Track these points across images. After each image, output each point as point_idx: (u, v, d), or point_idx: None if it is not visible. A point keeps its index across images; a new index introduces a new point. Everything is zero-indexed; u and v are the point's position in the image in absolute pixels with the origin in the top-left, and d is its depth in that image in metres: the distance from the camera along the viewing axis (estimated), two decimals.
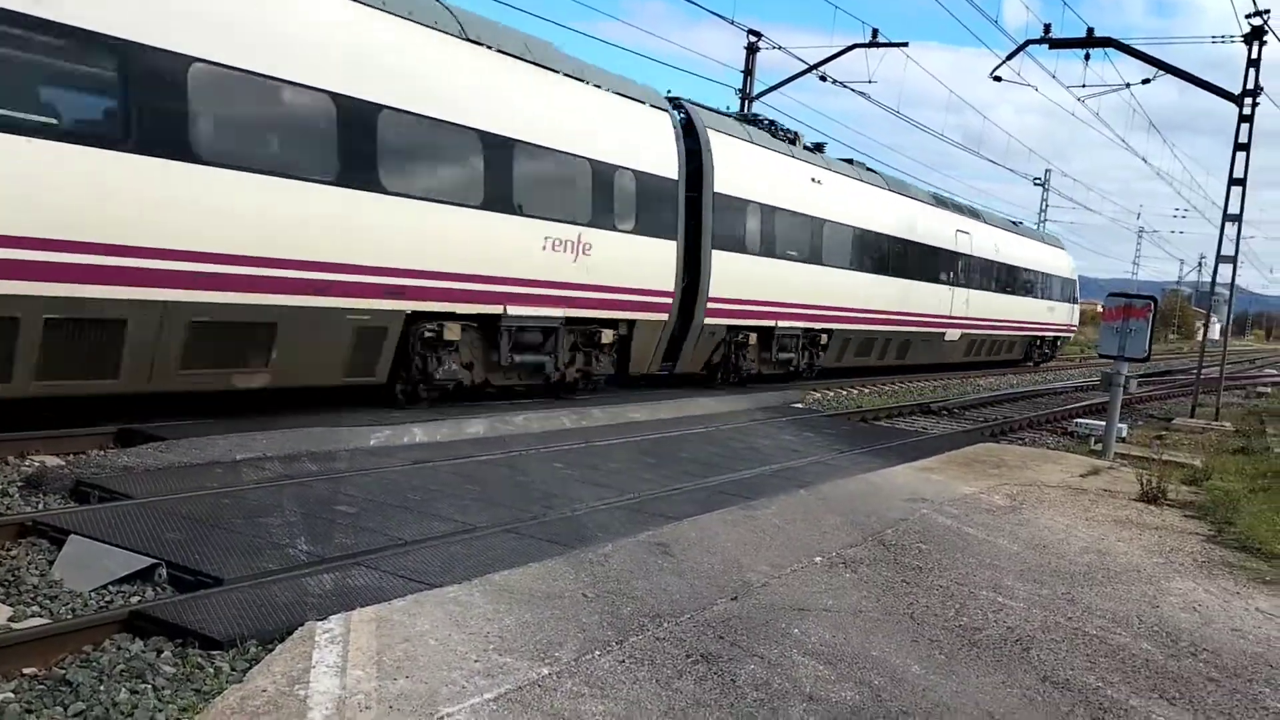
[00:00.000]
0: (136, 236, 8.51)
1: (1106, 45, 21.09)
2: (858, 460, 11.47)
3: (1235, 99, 19.92)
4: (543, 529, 6.98)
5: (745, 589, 5.62)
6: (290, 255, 9.70)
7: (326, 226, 10.01)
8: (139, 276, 8.57)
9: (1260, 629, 5.79)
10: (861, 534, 7.18)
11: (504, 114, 12.04)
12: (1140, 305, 13.50)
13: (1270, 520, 8.75)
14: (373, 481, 8.10)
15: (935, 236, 25.19)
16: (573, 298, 13.30)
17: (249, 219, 9.35)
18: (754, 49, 26.28)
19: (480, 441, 10.51)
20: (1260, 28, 19.85)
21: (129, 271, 8.49)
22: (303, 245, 9.80)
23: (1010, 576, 6.45)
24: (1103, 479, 10.92)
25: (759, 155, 18.06)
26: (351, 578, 5.59)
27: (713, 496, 8.57)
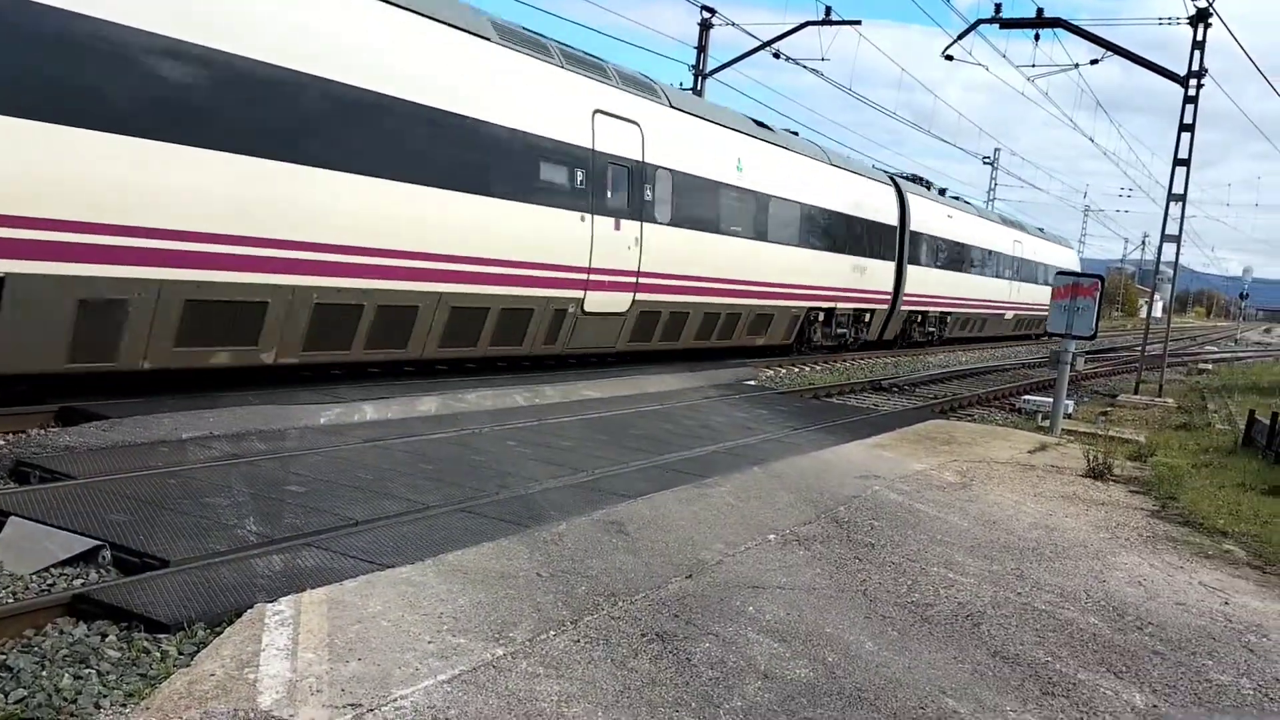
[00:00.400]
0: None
1: (1056, 25, 21.29)
2: (810, 437, 11.54)
3: (1181, 80, 20.22)
4: (496, 508, 6.93)
5: (700, 567, 5.62)
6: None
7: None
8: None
9: (1203, 602, 5.92)
10: (815, 511, 7.23)
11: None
12: (1088, 284, 13.72)
13: (1212, 496, 8.96)
14: (323, 460, 7.98)
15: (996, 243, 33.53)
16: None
17: None
18: (707, 25, 26.17)
19: (432, 419, 10.41)
20: (1205, 10, 20.13)
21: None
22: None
23: (961, 552, 6.53)
24: (1050, 455, 11.09)
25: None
26: (302, 559, 5.51)
27: (667, 474, 8.57)
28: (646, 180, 15.61)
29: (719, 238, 17.74)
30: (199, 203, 9.24)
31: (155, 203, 8.89)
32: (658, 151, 15.82)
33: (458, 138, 12.01)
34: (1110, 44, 20.78)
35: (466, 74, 12.26)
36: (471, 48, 12.44)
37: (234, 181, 9.50)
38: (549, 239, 13.71)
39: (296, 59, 9.97)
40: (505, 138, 12.81)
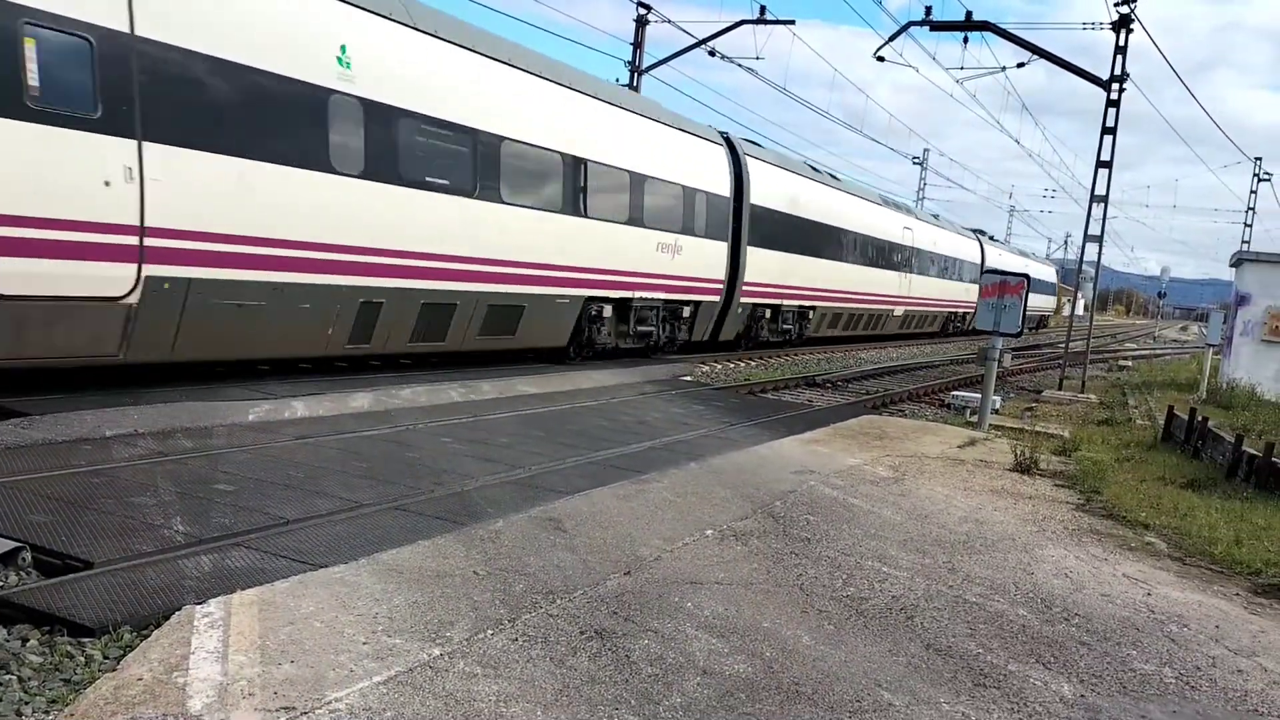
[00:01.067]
0: None
1: (984, 29, 21.71)
2: (746, 433, 11.62)
3: (1104, 84, 20.74)
4: (432, 505, 6.85)
5: (638, 564, 5.62)
6: None
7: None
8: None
9: (1127, 594, 6.08)
10: (751, 506, 7.27)
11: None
12: (1014, 282, 13.99)
13: (1134, 489, 9.21)
14: (252, 458, 7.82)
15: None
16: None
17: None
18: (643, 21, 26.18)
19: (365, 416, 10.26)
20: (1127, 16, 20.69)
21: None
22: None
23: (894, 546, 6.62)
24: (979, 450, 11.31)
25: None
26: (231, 559, 5.38)
27: (604, 470, 8.55)
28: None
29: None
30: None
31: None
32: None
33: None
34: (1036, 48, 21.25)
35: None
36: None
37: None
38: None
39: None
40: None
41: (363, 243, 11.69)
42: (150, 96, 9.18)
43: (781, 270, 23.39)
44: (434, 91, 12.60)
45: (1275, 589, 6.46)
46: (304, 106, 10.74)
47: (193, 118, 9.60)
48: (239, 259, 10.21)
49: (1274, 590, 6.45)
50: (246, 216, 10.25)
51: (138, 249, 9.21)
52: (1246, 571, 6.82)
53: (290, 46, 10.57)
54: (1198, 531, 7.69)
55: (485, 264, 13.79)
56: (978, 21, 21.60)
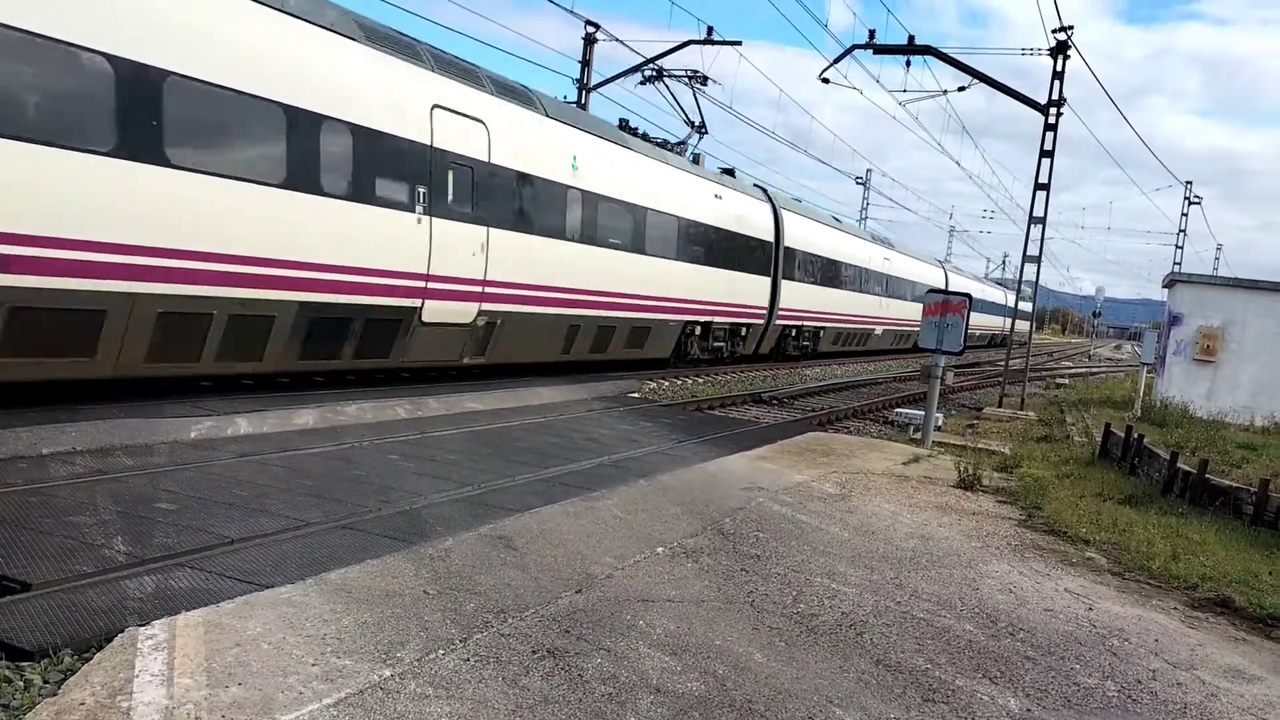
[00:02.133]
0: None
1: (926, 53, 22.12)
2: (695, 450, 11.66)
3: (1042, 109, 21.25)
4: (380, 524, 6.78)
5: (590, 581, 5.61)
6: None
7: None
8: None
9: (1069, 608, 6.20)
10: (702, 523, 7.30)
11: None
12: (956, 301, 14.25)
13: (1074, 505, 9.40)
14: (195, 476, 7.67)
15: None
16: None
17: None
18: (592, 40, 26.28)
19: (310, 433, 10.12)
20: (1064, 42, 21.23)
21: None
22: None
23: (843, 563, 6.69)
24: (923, 466, 11.47)
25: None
26: (175, 580, 5.27)
27: (554, 488, 8.53)
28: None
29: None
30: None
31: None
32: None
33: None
34: (976, 72, 21.71)
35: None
36: None
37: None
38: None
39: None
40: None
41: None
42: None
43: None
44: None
45: (1211, 603, 6.63)
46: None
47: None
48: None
49: (1210, 604, 6.62)
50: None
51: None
52: (1183, 586, 6.99)
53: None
54: (1136, 547, 7.87)
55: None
56: (920, 46, 22.01)
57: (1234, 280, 22.44)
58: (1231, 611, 6.49)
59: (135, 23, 9.37)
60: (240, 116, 10.51)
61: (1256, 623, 6.32)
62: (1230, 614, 6.47)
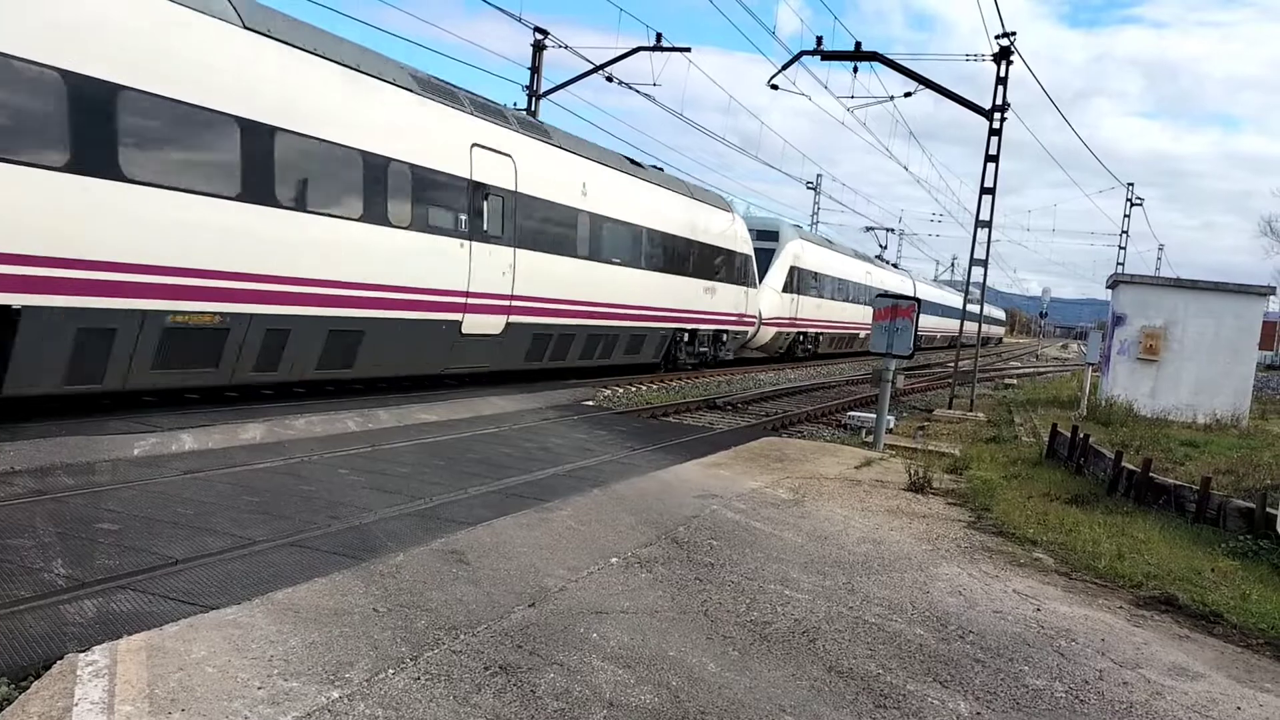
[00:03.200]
0: None
1: (873, 59, 22.37)
2: (649, 458, 11.66)
3: (986, 114, 21.57)
4: (329, 540, 6.68)
5: (543, 595, 5.57)
6: None
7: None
8: None
9: (1018, 610, 6.28)
10: (656, 532, 7.29)
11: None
12: (905, 306, 14.42)
13: (1022, 506, 9.53)
14: (138, 495, 7.51)
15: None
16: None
17: None
18: (540, 47, 26.23)
19: (257, 448, 9.96)
20: (1007, 48, 21.59)
21: None
22: None
23: (796, 569, 6.71)
24: (875, 470, 11.57)
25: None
26: (117, 603, 5.15)
27: (507, 499, 8.48)
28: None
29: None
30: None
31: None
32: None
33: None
34: (922, 78, 21.99)
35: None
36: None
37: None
38: None
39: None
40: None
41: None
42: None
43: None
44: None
45: (1155, 601, 6.75)
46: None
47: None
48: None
49: (1154, 602, 6.73)
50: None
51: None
52: (1129, 585, 7.11)
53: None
54: (1082, 547, 7.99)
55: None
56: (867, 52, 22.25)
57: (1175, 280, 22.93)
58: (1175, 609, 6.61)
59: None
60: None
61: (1199, 620, 6.44)
62: (1174, 612, 6.59)
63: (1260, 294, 20.55)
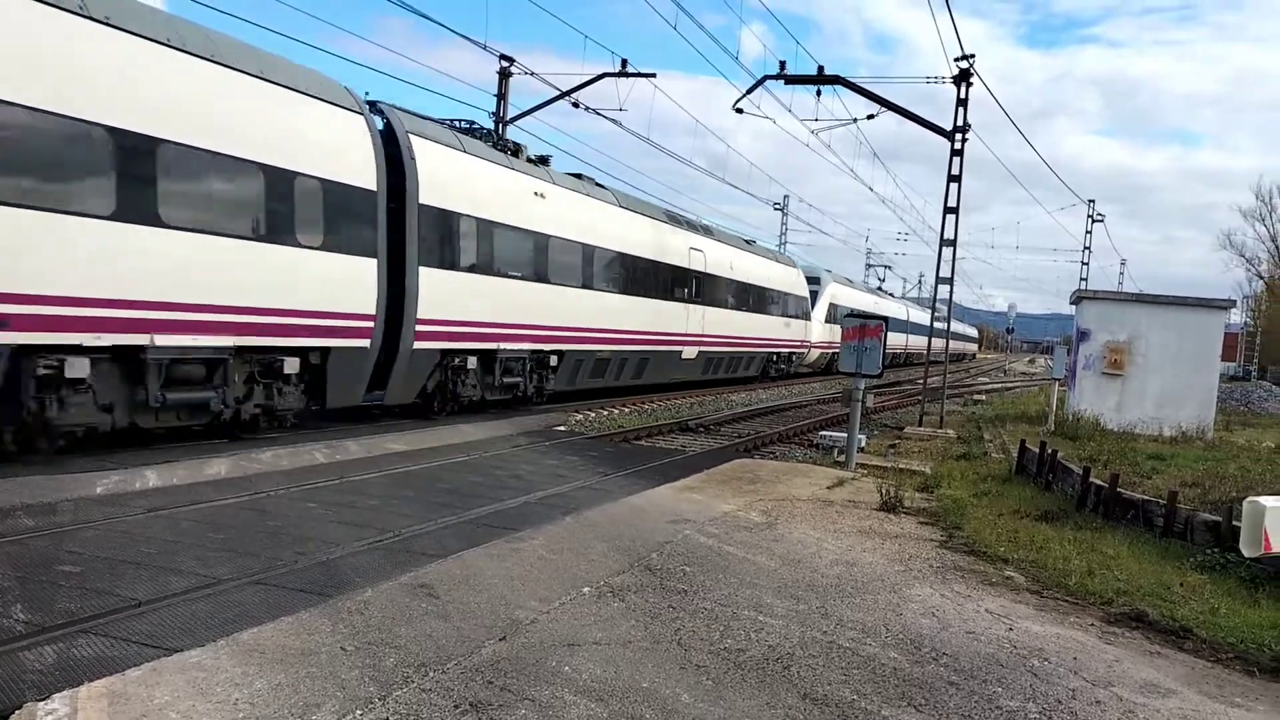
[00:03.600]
0: None
1: (835, 83, 22.56)
2: (621, 483, 11.61)
3: (948, 135, 21.80)
4: (295, 577, 6.59)
5: (514, 628, 5.51)
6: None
7: None
8: None
9: (990, 630, 6.28)
10: (628, 560, 7.24)
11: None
12: (874, 325, 14.48)
13: (992, 524, 9.56)
14: (101, 535, 7.38)
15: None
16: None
17: None
18: (506, 74, 26.27)
19: (223, 483, 9.83)
20: (967, 71, 21.84)
21: None
22: None
23: (769, 594, 6.69)
24: (847, 490, 11.58)
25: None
26: (78, 648, 5.04)
27: (478, 529, 8.40)
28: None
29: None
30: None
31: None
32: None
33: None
34: (884, 100, 22.20)
35: None
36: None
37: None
38: None
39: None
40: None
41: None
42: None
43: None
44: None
45: (1126, 617, 6.77)
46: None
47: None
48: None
49: (1125, 619, 6.76)
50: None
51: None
52: (1099, 601, 7.13)
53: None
54: (1053, 564, 8.02)
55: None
56: (829, 76, 22.44)
57: (1137, 295, 23.21)
58: (1146, 625, 6.64)
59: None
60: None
61: (1170, 635, 6.47)
62: (1145, 628, 6.61)
63: (1221, 307, 20.83)
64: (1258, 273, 72.92)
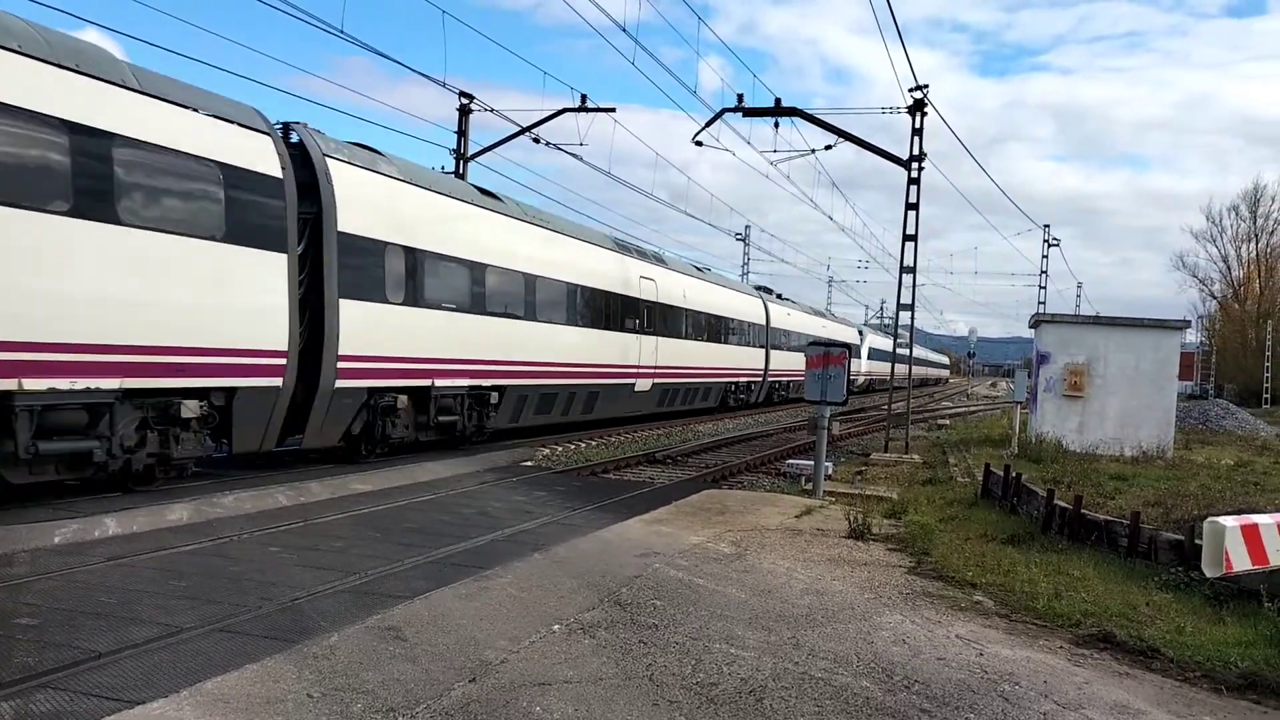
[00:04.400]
0: None
1: (793, 114, 22.85)
2: (590, 517, 11.55)
3: (904, 164, 22.11)
4: (260, 623, 6.48)
5: (484, 668, 5.45)
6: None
7: None
8: None
9: (961, 655, 6.29)
10: (598, 595, 7.20)
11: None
12: (837, 353, 14.59)
13: (960, 549, 9.62)
14: (59, 586, 7.22)
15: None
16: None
17: None
18: (466, 110, 26.33)
19: (184, 529, 9.66)
20: (921, 101, 22.20)
21: None
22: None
23: (741, 625, 6.67)
24: (815, 518, 11.60)
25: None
26: (35, 704, 4.91)
27: (445, 569, 8.32)
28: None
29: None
30: None
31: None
32: None
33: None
34: (841, 131, 22.50)
35: None
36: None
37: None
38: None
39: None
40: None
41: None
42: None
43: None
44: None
45: (1094, 639, 6.82)
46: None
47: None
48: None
49: (1093, 640, 6.80)
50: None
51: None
52: (1067, 624, 7.18)
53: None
54: (1020, 587, 8.07)
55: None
56: (786, 108, 22.72)
57: (1094, 318, 23.56)
58: (1114, 646, 6.69)
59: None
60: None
61: (1138, 655, 6.52)
62: (1113, 649, 6.66)
63: (1176, 328, 21.22)
64: (1210, 293, 74.41)
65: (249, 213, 11.98)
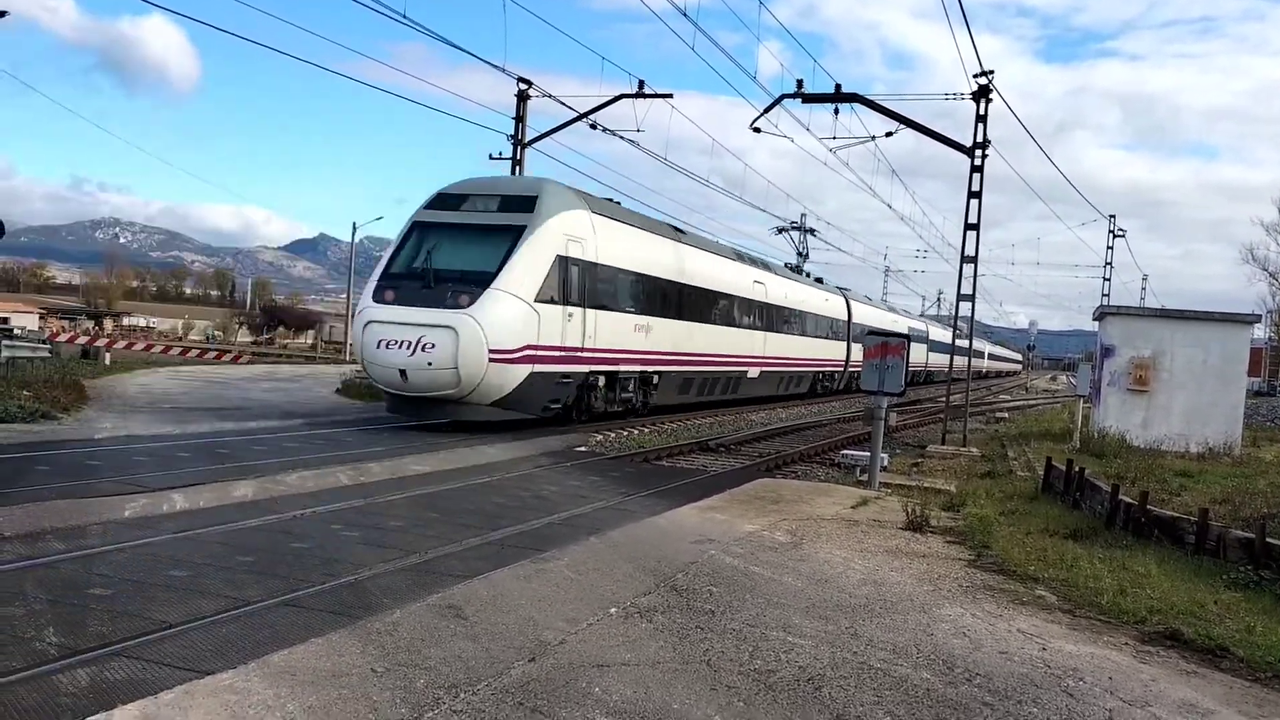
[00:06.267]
0: None
1: (853, 100, 22.61)
2: (644, 503, 11.59)
3: (967, 151, 21.77)
4: (324, 599, 6.60)
5: (543, 649, 5.49)
6: None
7: None
8: None
9: (1023, 650, 6.21)
10: (654, 580, 7.22)
11: None
12: (895, 343, 14.44)
13: (1021, 543, 9.48)
14: (130, 558, 7.42)
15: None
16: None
17: None
18: (525, 96, 26.45)
19: (248, 505, 9.87)
20: (986, 87, 21.84)
21: None
22: None
23: (797, 614, 6.64)
24: (871, 509, 11.51)
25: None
26: (110, 671, 5.06)
27: (503, 550, 8.40)
28: None
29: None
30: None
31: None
32: None
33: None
34: (903, 117, 22.22)
35: None
36: None
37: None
38: None
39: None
40: None
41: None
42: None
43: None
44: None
45: (1160, 636, 6.69)
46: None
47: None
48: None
49: (1159, 637, 6.68)
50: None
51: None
52: (1132, 620, 7.05)
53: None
54: (1084, 583, 7.93)
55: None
56: (847, 94, 22.49)
57: (1161, 310, 23.07)
58: (1181, 644, 6.55)
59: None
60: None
61: (1206, 654, 6.38)
62: (1180, 647, 6.53)
63: (1247, 322, 20.69)
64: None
65: None
